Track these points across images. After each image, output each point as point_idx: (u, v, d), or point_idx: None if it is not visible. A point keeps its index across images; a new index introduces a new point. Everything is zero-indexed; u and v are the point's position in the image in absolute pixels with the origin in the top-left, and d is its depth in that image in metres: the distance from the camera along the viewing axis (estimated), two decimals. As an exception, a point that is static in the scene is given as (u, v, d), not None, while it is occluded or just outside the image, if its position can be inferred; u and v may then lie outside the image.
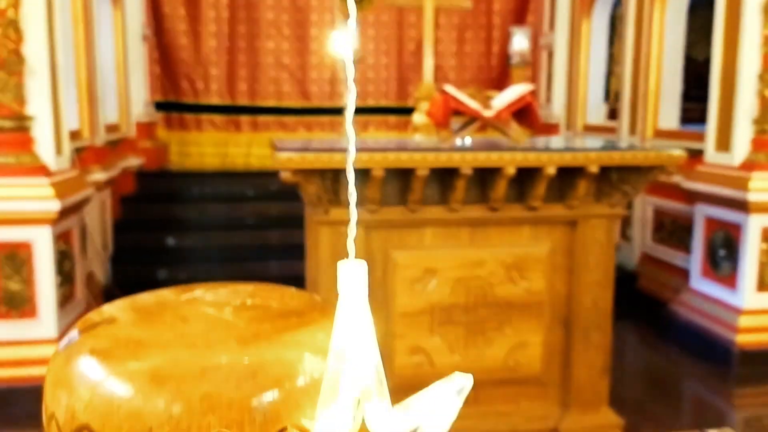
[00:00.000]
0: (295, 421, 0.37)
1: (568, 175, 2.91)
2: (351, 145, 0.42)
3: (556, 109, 6.51)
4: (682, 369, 4.16)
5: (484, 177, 2.88)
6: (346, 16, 0.47)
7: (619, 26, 6.08)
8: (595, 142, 3.74)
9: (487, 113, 2.83)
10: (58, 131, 3.61)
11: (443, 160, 2.74)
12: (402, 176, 2.81)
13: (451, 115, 2.88)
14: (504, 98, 2.88)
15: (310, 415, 0.38)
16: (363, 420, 0.42)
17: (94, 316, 0.45)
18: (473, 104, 2.82)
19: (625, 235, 5.54)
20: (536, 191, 2.90)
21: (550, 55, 6.60)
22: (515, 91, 2.91)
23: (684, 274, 4.60)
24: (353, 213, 0.39)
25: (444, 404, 0.43)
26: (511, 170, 2.78)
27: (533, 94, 2.97)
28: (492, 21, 6.87)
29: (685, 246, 4.71)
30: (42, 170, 3.44)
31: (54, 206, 3.37)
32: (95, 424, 0.35)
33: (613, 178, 2.99)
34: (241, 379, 0.35)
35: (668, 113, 5.16)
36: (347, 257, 0.40)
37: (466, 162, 2.74)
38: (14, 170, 3.39)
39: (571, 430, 3.07)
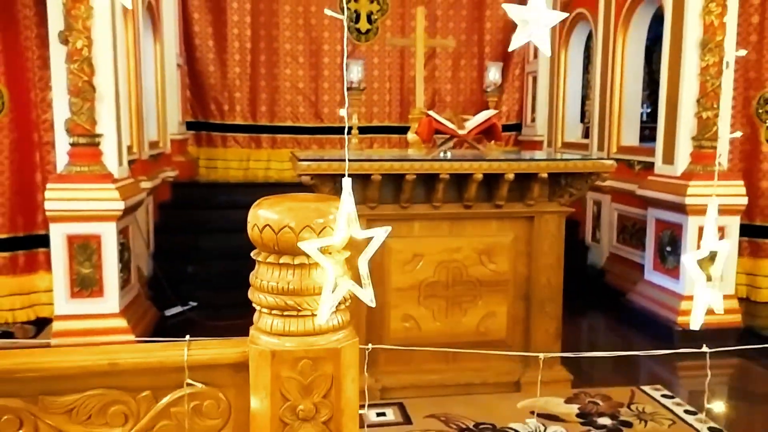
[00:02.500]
0: (329, 226, 1.21)
1: (526, 180, 3.70)
2: (346, 153, 1.23)
3: (539, 128, 7.33)
4: (632, 345, 4.93)
5: (459, 181, 3.67)
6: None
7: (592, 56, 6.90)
8: (568, 155, 4.50)
9: (461, 132, 3.65)
10: (120, 146, 4.44)
11: (426, 167, 3.55)
12: (395, 180, 3.60)
13: (433, 133, 3.70)
14: (475, 120, 3.70)
15: (336, 227, 1.22)
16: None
17: (260, 200, 1.28)
18: (450, 125, 3.64)
19: (595, 237, 6.32)
20: (500, 192, 3.69)
21: (534, 81, 7.44)
22: (484, 114, 3.74)
23: (641, 268, 5.37)
24: (347, 165, 1.21)
25: (378, 234, 1.25)
26: (479, 176, 3.57)
27: (497, 116, 3.79)
28: (483, 51, 7.71)
29: (642, 245, 5.47)
30: (109, 177, 4.27)
31: (119, 206, 4.20)
32: (270, 223, 1.19)
33: (562, 182, 3.79)
34: (314, 212, 1.18)
35: (629, 132, 5.93)
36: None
37: (444, 169, 3.55)
38: (87, 177, 4.22)
39: (531, 383, 3.83)
